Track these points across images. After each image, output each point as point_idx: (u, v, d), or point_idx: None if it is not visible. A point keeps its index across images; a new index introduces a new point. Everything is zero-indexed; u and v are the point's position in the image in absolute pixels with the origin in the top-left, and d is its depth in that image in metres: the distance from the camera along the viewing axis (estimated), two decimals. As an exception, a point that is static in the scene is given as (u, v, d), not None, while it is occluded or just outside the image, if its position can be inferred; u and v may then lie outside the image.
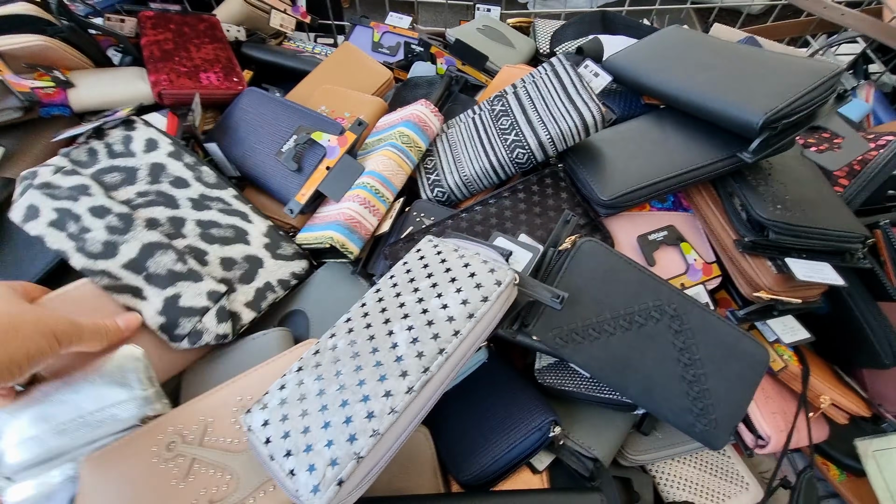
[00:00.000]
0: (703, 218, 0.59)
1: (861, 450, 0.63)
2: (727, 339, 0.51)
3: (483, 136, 0.61)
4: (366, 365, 0.39)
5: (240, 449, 0.43)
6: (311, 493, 0.34)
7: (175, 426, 0.44)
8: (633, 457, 0.57)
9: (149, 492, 0.42)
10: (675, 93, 0.58)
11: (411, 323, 0.40)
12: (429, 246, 0.47)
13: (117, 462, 0.43)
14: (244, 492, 0.42)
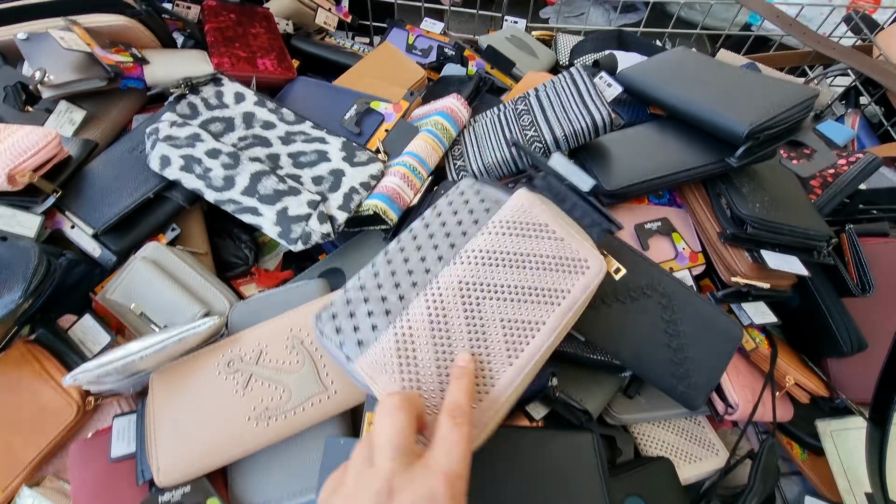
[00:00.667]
0: (693, 213, 0.68)
1: (821, 429, 0.71)
2: (707, 316, 0.59)
3: (505, 130, 0.70)
4: (415, 269, 0.46)
5: (291, 370, 0.52)
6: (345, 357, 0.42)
7: (233, 349, 0.53)
8: (619, 415, 0.65)
9: (213, 396, 0.50)
10: (676, 103, 0.67)
11: (452, 241, 0.48)
12: (468, 187, 0.53)
13: (184, 373, 0.52)
14: (296, 402, 0.50)
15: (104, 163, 0.66)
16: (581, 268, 0.46)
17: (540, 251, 0.45)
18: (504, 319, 0.43)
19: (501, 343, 0.42)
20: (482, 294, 0.43)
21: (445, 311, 0.43)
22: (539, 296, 0.44)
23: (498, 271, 0.44)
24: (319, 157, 0.68)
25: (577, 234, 0.47)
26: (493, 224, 0.46)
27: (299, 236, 0.61)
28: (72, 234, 0.63)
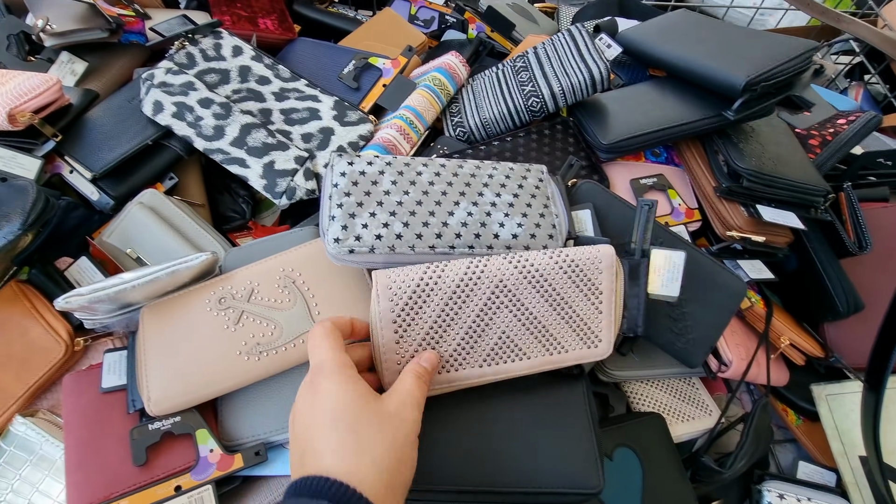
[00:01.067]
0: (690, 170, 0.68)
1: (816, 393, 0.71)
2: (708, 271, 0.59)
3: (504, 86, 0.70)
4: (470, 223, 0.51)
5: (283, 307, 0.52)
6: (332, 240, 0.47)
7: (225, 286, 0.53)
8: (612, 372, 0.65)
9: (204, 331, 0.51)
10: (674, 60, 0.67)
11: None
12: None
13: (175, 308, 0.52)
14: (287, 338, 0.51)
15: (104, 110, 0.67)
16: (591, 342, 0.48)
17: (575, 305, 0.47)
18: (504, 333, 0.45)
19: (487, 348, 0.45)
20: (507, 302, 0.45)
21: (471, 292, 0.44)
22: (542, 335, 0.46)
23: (533, 295, 0.46)
24: (311, 114, 0.68)
25: (614, 318, 0.48)
26: (560, 254, 0.47)
27: (284, 191, 0.61)
28: (71, 179, 0.63)
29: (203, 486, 0.45)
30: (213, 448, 0.48)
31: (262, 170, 0.62)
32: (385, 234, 0.48)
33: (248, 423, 0.51)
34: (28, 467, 0.50)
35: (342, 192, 0.51)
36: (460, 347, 0.44)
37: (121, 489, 0.45)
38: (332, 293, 0.53)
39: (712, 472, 0.61)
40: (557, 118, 0.70)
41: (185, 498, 0.45)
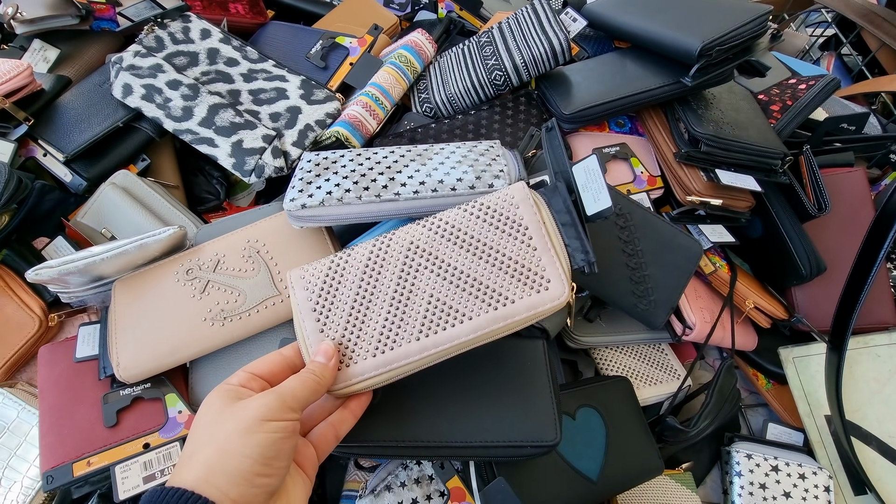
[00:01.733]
0: (652, 138, 0.69)
1: (783, 356, 0.72)
2: (665, 235, 0.60)
3: (468, 61, 0.71)
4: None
5: (247, 276, 0.54)
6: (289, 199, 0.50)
7: (192, 258, 0.55)
8: (580, 338, 0.67)
9: (171, 300, 0.52)
10: (635, 29, 0.68)
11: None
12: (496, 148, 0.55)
13: (145, 280, 0.54)
14: (250, 304, 0.52)
15: (76, 95, 0.68)
16: (538, 285, 0.42)
17: (504, 249, 0.43)
18: (433, 297, 0.41)
19: (419, 317, 0.41)
20: (425, 263, 0.42)
21: (383, 262, 0.43)
22: (478, 290, 0.41)
23: (452, 249, 0.43)
24: (278, 94, 0.69)
25: (555, 251, 0.43)
26: (471, 204, 0.44)
27: (252, 168, 0.62)
28: (45, 162, 0.65)
29: (171, 444, 0.47)
30: (181, 410, 0.49)
31: (230, 148, 0.63)
32: (335, 190, 0.50)
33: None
34: (6, 434, 0.52)
35: (305, 171, 0.53)
36: (389, 322, 0.41)
37: (92, 449, 0.47)
38: (293, 261, 0.54)
39: (677, 432, 0.63)
40: (521, 91, 0.71)
41: (153, 454, 0.46)
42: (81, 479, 0.47)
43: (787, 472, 0.66)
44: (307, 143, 0.66)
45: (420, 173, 0.52)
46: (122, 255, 0.52)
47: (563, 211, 0.45)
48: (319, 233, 0.56)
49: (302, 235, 0.56)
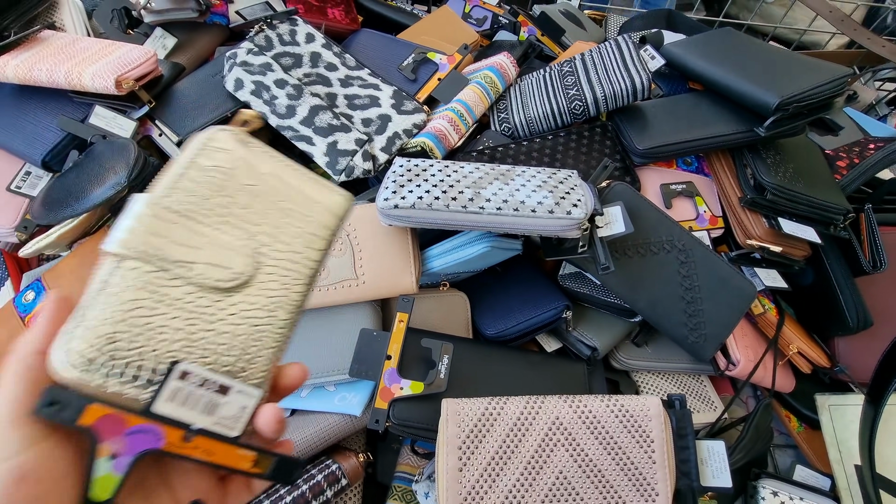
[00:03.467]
0: (717, 180, 0.72)
1: (819, 402, 0.74)
2: (723, 274, 0.64)
3: (549, 88, 0.76)
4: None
5: (334, 255, 0.60)
6: (383, 199, 0.56)
7: None
8: (625, 360, 0.71)
9: None
10: (713, 75, 0.71)
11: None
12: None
13: None
14: (330, 281, 0.60)
15: (190, 83, 0.75)
16: (648, 495, 0.49)
17: (630, 453, 0.49)
18: (562, 474, 0.48)
19: (545, 488, 0.48)
20: (563, 441, 0.49)
21: (529, 426, 0.50)
22: (600, 483, 0.48)
23: (588, 437, 0.49)
24: (371, 101, 0.75)
25: (669, 470, 0.49)
26: (611, 400, 0.51)
27: (343, 168, 0.68)
28: (159, 141, 0.72)
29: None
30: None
31: (325, 148, 0.69)
32: (425, 196, 0.55)
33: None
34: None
35: (398, 175, 0.59)
36: (519, 484, 0.47)
37: None
38: (375, 254, 0.60)
39: (711, 461, 0.66)
40: (597, 122, 0.75)
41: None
42: None
43: (812, 513, 0.69)
44: (394, 149, 0.71)
45: (503, 192, 0.57)
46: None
47: (680, 436, 0.53)
48: (404, 233, 0.61)
49: (387, 231, 0.61)
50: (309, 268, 0.31)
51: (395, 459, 0.66)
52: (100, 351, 0.25)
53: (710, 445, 0.55)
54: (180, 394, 0.27)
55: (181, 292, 0.28)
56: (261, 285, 0.30)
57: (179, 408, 0.27)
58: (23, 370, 0.24)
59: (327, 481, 0.52)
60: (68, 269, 0.64)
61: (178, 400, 0.27)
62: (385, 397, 0.52)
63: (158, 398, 0.26)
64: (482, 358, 0.61)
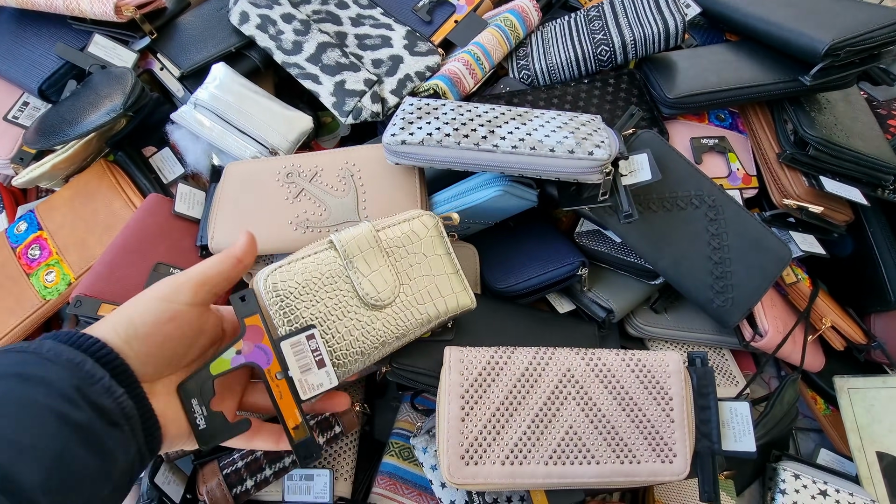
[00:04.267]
0: (753, 135, 0.66)
1: (838, 385, 0.69)
2: (755, 234, 0.59)
3: (574, 33, 0.70)
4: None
5: (336, 195, 0.56)
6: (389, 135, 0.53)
7: (295, 163, 0.58)
8: (642, 326, 0.66)
9: (268, 197, 0.57)
10: (755, 21, 0.65)
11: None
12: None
13: (252, 172, 0.59)
14: (332, 222, 0.55)
15: (195, 16, 0.72)
16: (665, 455, 0.46)
17: (645, 409, 0.46)
18: (571, 429, 0.45)
19: (553, 443, 0.45)
20: (574, 394, 0.46)
21: (538, 377, 0.46)
22: (612, 439, 0.45)
23: (601, 391, 0.46)
24: (383, 41, 0.71)
25: (688, 430, 0.47)
26: (628, 354, 0.48)
27: (351, 110, 0.64)
28: (160, 75, 0.69)
29: None
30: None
31: (333, 87, 0.65)
32: (435, 133, 0.51)
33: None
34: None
35: (407, 112, 0.55)
36: (525, 437, 0.44)
37: (122, 300, 0.50)
38: (380, 194, 0.56)
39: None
40: (624, 69, 0.70)
41: None
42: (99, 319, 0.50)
43: (836, 498, 0.64)
44: (405, 92, 0.67)
45: (520, 131, 0.52)
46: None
47: (702, 394, 0.49)
48: (411, 174, 0.57)
49: (394, 172, 0.57)
50: (414, 330, 0.45)
51: (393, 417, 0.63)
52: (282, 290, 0.41)
53: (733, 406, 0.50)
54: (298, 347, 0.37)
55: (345, 290, 0.43)
56: (386, 320, 0.44)
57: (291, 355, 0.37)
58: (224, 260, 0.36)
59: (319, 427, 0.49)
60: (62, 202, 0.61)
61: (294, 349, 0.37)
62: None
63: (287, 339, 0.37)
64: (490, 312, 0.57)
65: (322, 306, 0.41)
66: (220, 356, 0.35)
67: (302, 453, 0.35)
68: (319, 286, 0.42)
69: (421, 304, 0.46)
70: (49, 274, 0.57)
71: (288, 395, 0.36)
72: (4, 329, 0.56)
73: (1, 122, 0.66)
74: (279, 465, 0.46)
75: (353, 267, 0.43)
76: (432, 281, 0.47)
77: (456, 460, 0.43)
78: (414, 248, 0.47)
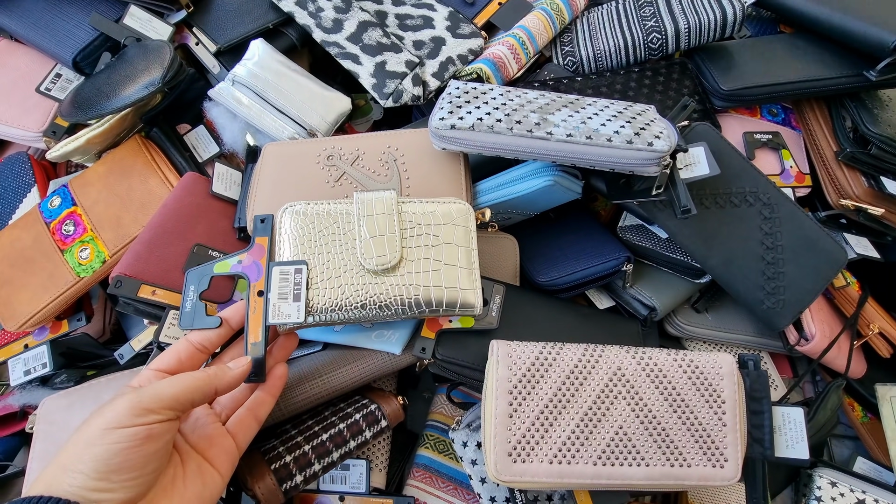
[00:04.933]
0: (809, 132, 0.64)
1: (880, 393, 0.67)
2: (811, 234, 0.56)
3: (623, 19, 0.68)
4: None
5: (378, 180, 0.54)
6: (438, 118, 0.50)
7: (336, 145, 0.56)
8: (683, 326, 0.64)
9: (308, 180, 0.55)
10: (817, 13, 0.62)
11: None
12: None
13: (292, 153, 0.56)
14: None
15: (232, -9, 0.69)
16: (716, 460, 0.44)
17: (697, 412, 0.45)
18: (622, 429, 0.44)
19: (602, 443, 0.43)
20: (624, 393, 0.45)
21: (588, 375, 0.45)
22: (663, 441, 0.44)
23: (652, 391, 0.45)
24: (424, 22, 0.69)
25: (740, 434, 0.45)
26: (680, 354, 0.46)
27: (391, 92, 0.62)
28: (196, 50, 0.67)
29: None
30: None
31: (373, 68, 0.63)
32: (485, 117, 0.49)
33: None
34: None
35: (454, 96, 0.53)
36: (574, 436, 0.43)
37: (164, 283, 0.51)
38: (423, 180, 0.54)
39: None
40: (675, 59, 0.67)
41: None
42: (140, 301, 0.50)
43: (875, 508, 0.62)
44: (447, 76, 0.65)
45: (574, 119, 0.50)
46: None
47: (754, 398, 0.48)
48: (456, 160, 0.55)
49: (438, 158, 0.55)
50: (400, 308, 0.45)
51: (426, 408, 0.62)
52: (295, 227, 0.46)
53: (786, 412, 0.48)
54: (285, 276, 0.43)
55: (348, 243, 0.46)
56: (375, 285, 0.45)
57: (277, 280, 0.43)
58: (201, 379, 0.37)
59: (366, 422, 0.48)
60: (96, 177, 0.60)
61: (281, 276, 0.43)
62: (432, 327, 0.48)
63: (279, 265, 0.43)
64: (533, 306, 0.56)
65: (322, 248, 0.45)
66: (226, 260, 0.44)
67: (252, 369, 0.40)
68: (327, 231, 0.46)
69: (416, 285, 0.45)
70: (84, 251, 0.56)
71: (259, 314, 0.42)
72: (38, 305, 0.55)
73: (33, 94, 0.64)
74: (327, 459, 0.45)
75: (361, 225, 0.46)
76: (438, 267, 0.46)
77: (503, 457, 0.42)
78: (431, 230, 0.47)
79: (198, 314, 0.42)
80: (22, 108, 0.64)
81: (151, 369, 0.37)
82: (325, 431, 0.46)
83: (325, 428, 0.46)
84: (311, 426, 0.47)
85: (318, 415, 0.49)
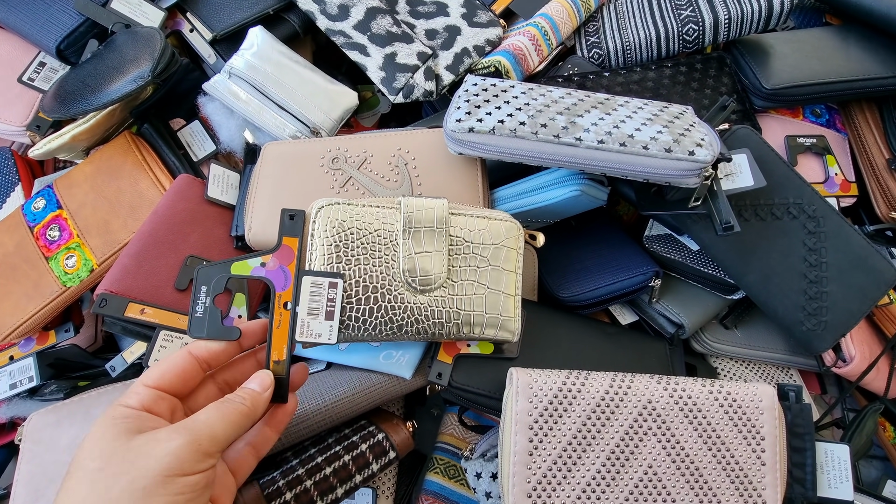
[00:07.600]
0: (857, 137, 0.59)
1: None
2: (859, 251, 0.52)
3: (655, 8, 0.62)
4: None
5: (387, 185, 0.50)
6: (454, 120, 0.46)
7: (342, 146, 0.52)
8: (710, 343, 0.60)
9: (312, 185, 0.51)
10: (871, 3, 0.56)
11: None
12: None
13: (294, 155, 0.52)
14: None
15: (229, -28, 0.64)
16: (753, 502, 0.41)
17: (733, 449, 0.41)
18: (651, 469, 0.40)
19: (630, 485, 0.40)
20: (655, 429, 0.41)
21: (616, 408, 0.41)
22: (696, 482, 0.41)
23: (686, 427, 0.41)
24: (438, 9, 0.63)
25: (780, 474, 0.42)
26: (716, 385, 0.43)
27: (402, 87, 0.57)
28: (190, 38, 0.62)
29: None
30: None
31: (382, 60, 0.58)
32: (507, 120, 0.45)
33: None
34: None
35: (472, 94, 0.48)
36: (600, 476, 0.40)
37: (154, 300, 0.47)
38: (437, 186, 0.50)
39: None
40: (712, 53, 0.61)
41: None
42: (127, 321, 0.46)
43: (908, 536, 0.59)
44: (462, 69, 0.60)
45: (605, 122, 0.45)
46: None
47: (796, 434, 0.45)
48: (473, 165, 0.51)
49: (453, 162, 0.51)
50: (437, 334, 0.41)
51: (435, 427, 0.58)
52: (330, 227, 0.39)
53: (829, 449, 0.45)
54: (317, 288, 0.37)
55: (389, 256, 0.40)
56: (414, 306, 0.40)
57: (307, 292, 0.37)
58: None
59: (373, 453, 0.44)
60: (83, 178, 0.55)
61: (313, 289, 0.37)
62: (449, 352, 0.44)
63: (312, 275, 0.37)
64: (553, 325, 0.52)
65: (359, 260, 0.39)
66: (245, 260, 0.36)
67: (276, 390, 0.35)
68: (367, 240, 0.40)
69: (457, 310, 0.41)
70: (70, 258, 0.52)
71: (285, 329, 0.36)
72: (22, 316, 0.51)
73: (15, 85, 0.60)
74: (331, 496, 0.41)
75: (407, 238, 0.41)
76: (482, 292, 0.42)
77: (522, 498, 0.39)
78: (479, 250, 0.42)
79: (212, 321, 0.34)
80: (3, 99, 0.59)
81: (145, 385, 0.32)
82: (328, 464, 0.43)
83: (329, 460, 0.43)
84: (314, 456, 0.44)
85: (322, 441, 0.46)
